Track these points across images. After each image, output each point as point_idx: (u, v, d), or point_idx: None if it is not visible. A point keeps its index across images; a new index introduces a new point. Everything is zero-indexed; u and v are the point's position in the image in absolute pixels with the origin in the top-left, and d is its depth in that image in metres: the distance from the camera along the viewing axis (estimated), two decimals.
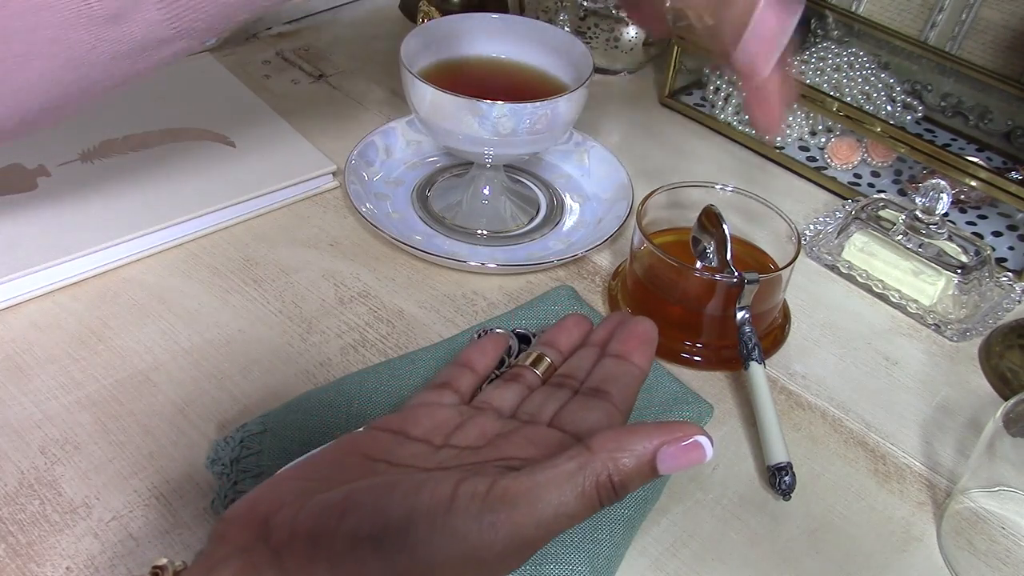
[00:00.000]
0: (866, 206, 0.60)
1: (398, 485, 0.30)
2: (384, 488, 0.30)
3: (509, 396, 0.39)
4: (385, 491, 0.30)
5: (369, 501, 0.30)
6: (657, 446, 0.30)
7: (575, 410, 0.37)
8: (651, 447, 0.30)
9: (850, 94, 0.71)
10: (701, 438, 0.30)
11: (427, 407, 0.38)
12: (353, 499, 0.30)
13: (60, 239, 0.53)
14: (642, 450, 0.30)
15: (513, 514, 0.28)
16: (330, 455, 0.35)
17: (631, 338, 0.41)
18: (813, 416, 0.51)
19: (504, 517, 0.28)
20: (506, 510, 0.28)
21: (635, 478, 0.30)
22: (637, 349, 0.40)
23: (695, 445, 0.30)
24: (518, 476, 0.29)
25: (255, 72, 0.74)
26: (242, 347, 0.51)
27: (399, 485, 0.30)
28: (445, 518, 0.28)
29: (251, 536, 0.30)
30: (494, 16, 0.60)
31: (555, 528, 0.29)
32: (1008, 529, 0.42)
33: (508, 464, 0.33)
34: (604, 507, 0.30)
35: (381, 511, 0.29)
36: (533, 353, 0.42)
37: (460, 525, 0.28)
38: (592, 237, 0.59)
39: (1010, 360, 0.54)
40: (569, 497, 0.29)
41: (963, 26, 0.76)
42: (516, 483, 0.29)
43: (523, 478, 0.29)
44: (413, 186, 0.64)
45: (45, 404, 0.46)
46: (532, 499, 0.29)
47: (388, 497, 0.30)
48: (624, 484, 0.30)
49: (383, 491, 0.30)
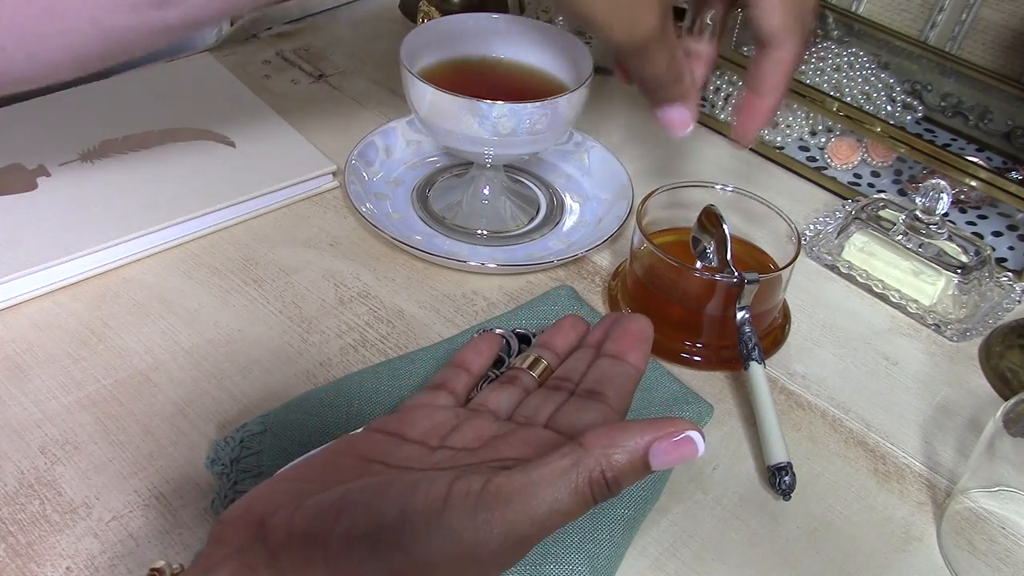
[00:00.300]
0: (866, 206, 0.60)
1: (393, 484, 0.30)
2: (379, 488, 0.30)
3: (505, 398, 0.40)
4: (380, 491, 0.30)
5: (364, 501, 0.30)
6: (649, 442, 0.30)
7: (571, 411, 0.37)
8: (643, 443, 0.30)
9: (850, 94, 0.71)
10: (692, 433, 0.30)
11: (423, 409, 0.38)
12: (348, 499, 0.30)
13: (60, 239, 0.53)
14: (634, 446, 0.30)
15: (507, 511, 0.29)
16: (326, 457, 0.35)
17: (625, 337, 0.41)
18: (813, 416, 0.51)
19: (498, 515, 0.28)
20: (500, 507, 0.29)
21: (628, 474, 0.30)
22: (632, 348, 0.40)
23: (686, 440, 0.30)
24: (512, 474, 0.29)
25: (255, 72, 0.74)
26: (242, 347, 0.51)
27: (394, 484, 0.30)
28: (440, 516, 0.29)
29: (247, 537, 0.31)
30: (494, 16, 0.60)
31: (549, 525, 0.29)
32: (1008, 529, 0.42)
33: (503, 465, 0.33)
34: (598, 503, 0.30)
35: (376, 510, 0.29)
36: (530, 356, 0.42)
37: (455, 523, 0.28)
38: (592, 237, 0.59)
39: (1010, 360, 0.54)
40: (563, 494, 0.29)
41: (963, 26, 0.76)
42: (510, 480, 0.29)
43: (517, 475, 0.29)
44: (413, 186, 0.64)
45: (45, 404, 0.46)
46: (526, 496, 0.29)
47: (383, 496, 0.30)
48: (617, 480, 0.30)
49: (378, 491, 0.30)
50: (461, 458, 0.34)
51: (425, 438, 0.36)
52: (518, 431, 0.36)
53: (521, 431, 0.36)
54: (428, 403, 0.39)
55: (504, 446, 0.34)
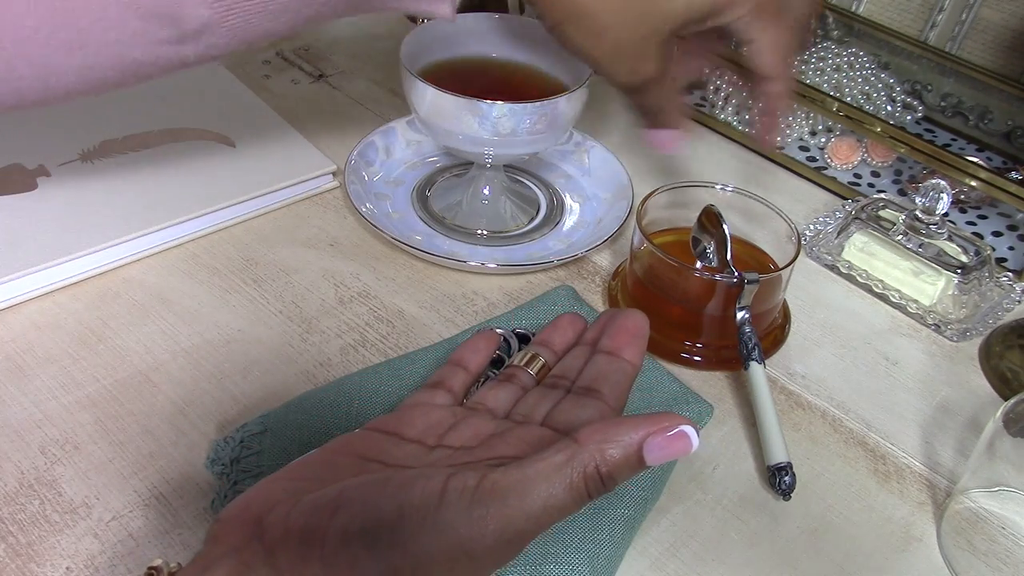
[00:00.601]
0: (866, 206, 0.60)
1: (389, 481, 0.30)
2: (375, 485, 0.30)
3: (503, 397, 0.40)
4: (376, 488, 0.30)
5: (360, 498, 0.30)
6: (643, 436, 0.30)
7: (567, 409, 0.37)
8: (637, 438, 0.30)
9: (850, 94, 0.71)
10: (686, 427, 0.30)
11: (421, 407, 0.39)
12: (345, 496, 0.30)
13: (60, 239, 0.53)
14: (628, 440, 0.30)
15: (503, 507, 0.29)
16: (323, 456, 0.35)
17: (621, 333, 0.41)
18: (813, 416, 0.51)
19: (494, 510, 0.29)
20: (496, 503, 0.29)
21: (623, 469, 0.30)
22: (628, 344, 0.40)
23: (680, 435, 0.30)
24: (507, 470, 0.30)
25: (255, 72, 0.74)
26: (242, 347, 0.51)
27: (390, 481, 0.30)
28: (436, 512, 0.29)
29: (245, 535, 0.31)
30: (494, 16, 0.60)
31: (545, 521, 0.29)
32: (1008, 529, 0.42)
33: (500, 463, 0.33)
34: (593, 499, 0.30)
35: (372, 507, 0.29)
36: (527, 353, 0.42)
37: (450, 519, 0.28)
38: (592, 237, 0.59)
39: (1010, 360, 0.54)
40: (558, 489, 0.29)
41: (963, 26, 0.76)
42: (505, 476, 0.29)
43: (512, 471, 0.29)
44: (413, 186, 0.64)
45: (45, 404, 0.46)
46: (521, 492, 0.29)
47: (379, 494, 0.30)
48: (612, 475, 0.30)
49: (374, 488, 0.30)
50: (458, 457, 0.34)
51: (422, 437, 0.36)
52: (515, 429, 0.36)
53: (518, 429, 0.36)
54: (426, 402, 0.39)
55: (501, 444, 0.34)
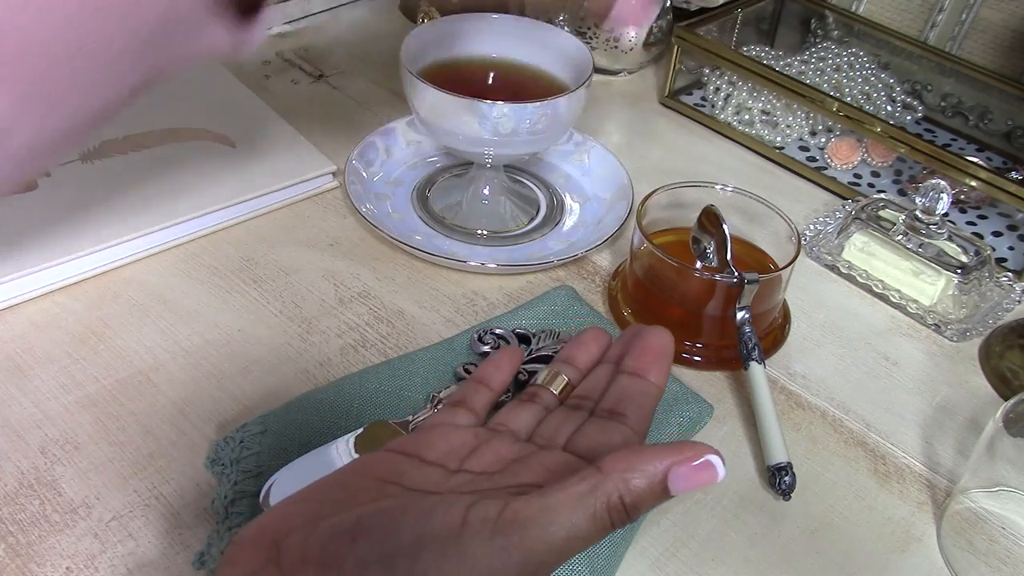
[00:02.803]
0: (866, 206, 0.60)
1: (408, 509, 0.30)
2: (394, 512, 0.30)
3: (525, 417, 0.39)
4: (395, 515, 0.29)
5: (379, 525, 0.29)
6: (668, 466, 0.29)
7: (590, 433, 0.36)
8: (662, 467, 0.29)
9: (850, 94, 0.71)
10: (712, 457, 0.29)
11: (442, 428, 0.37)
12: (363, 523, 0.30)
13: (60, 239, 0.53)
14: (653, 471, 0.29)
15: (525, 537, 0.28)
16: (342, 477, 0.34)
17: (646, 353, 0.39)
18: (813, 416, 0.51)
19: (516, 540, 0.28)
20: (517, 533, 0.28)
21: (647, 499, 0.29)
22: (653, 364, 0.39)
23: (706, 465, 0.29)
24: (529, 499, 0.29)
25: (255, 72, 0.74)
26: (242, 347, 0.51)
27: (410, 509, 0.30)
28: (456, 542, 0.28)
29: (261, 559, 0.30)
30: (494, 16, 0.60)
31: (567, 551, 0.29)
32: (1008, 529, 0.42)
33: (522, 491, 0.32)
34: (616, 529, 0.29)
35: (391, 535, 0.29)
36: (551, 371, 0.41)
37: (471, 549, 0.28)
38: (592, 237, 0.59)
39: (1010, 360, 0.54)
40: (581, 519, 0.28)
41: (963, 26, 0.76)
42: (527, 506, 0.29)
43: (534, 500, 0.29)
44: (413, 186, 0.64)
45: (45, 404, 0.46)
46: (543, 522, 0.28)
47: (398, 521, 0.29)
48: (636, 505, 0.29)
49: (393, 515, 0.30)
50: (479, 483, 0.33)
51: (444, 460, 0.35)
52: (537, 454, 0.35)
53: (540, 455, 0.35)
54: (447, 422, 0.38)
55: (523, 471, 0.34)
